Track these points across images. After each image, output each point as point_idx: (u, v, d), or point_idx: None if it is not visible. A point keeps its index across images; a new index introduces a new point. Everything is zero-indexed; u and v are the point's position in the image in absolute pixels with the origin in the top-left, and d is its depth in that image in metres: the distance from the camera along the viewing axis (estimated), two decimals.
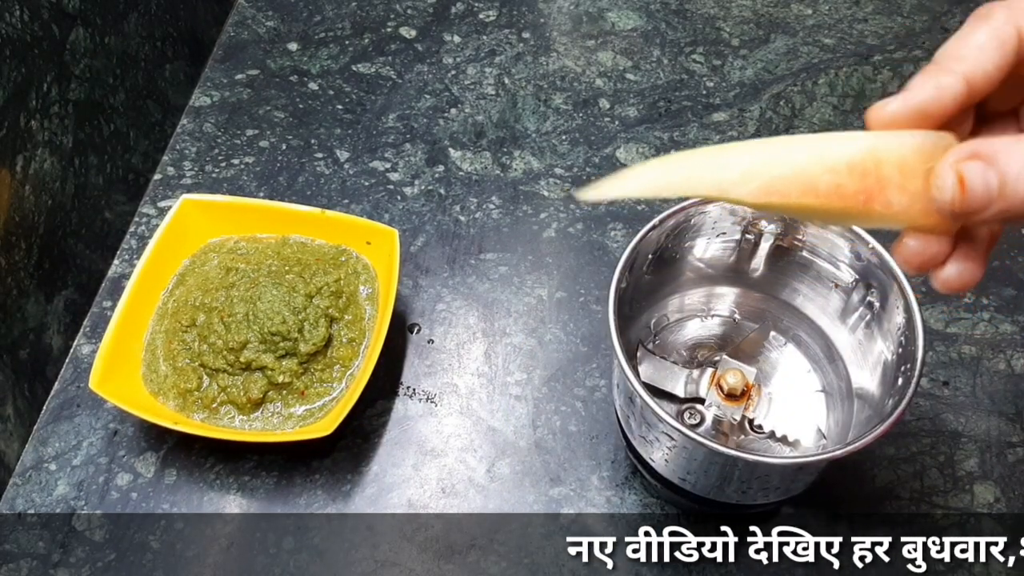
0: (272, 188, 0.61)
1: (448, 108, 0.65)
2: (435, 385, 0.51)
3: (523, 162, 0.61)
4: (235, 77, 0.68)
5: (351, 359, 0.49)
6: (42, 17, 0.49)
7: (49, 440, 0.50)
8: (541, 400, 0.50)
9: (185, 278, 0.52)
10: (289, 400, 0.48)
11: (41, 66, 0.50)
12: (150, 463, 0.49)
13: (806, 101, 0.64)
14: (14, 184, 0.48)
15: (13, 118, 0.48)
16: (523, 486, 0.47)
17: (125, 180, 0.59)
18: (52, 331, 0.52)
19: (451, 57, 0.68)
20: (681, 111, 0.64)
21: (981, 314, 0.53)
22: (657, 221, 0.40)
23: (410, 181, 0.61)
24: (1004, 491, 0.46)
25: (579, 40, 0.69)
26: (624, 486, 0.47)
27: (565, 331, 0.53)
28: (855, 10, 0.70)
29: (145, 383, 0.49)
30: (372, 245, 0.53)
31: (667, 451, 0.39)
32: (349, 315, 0.50)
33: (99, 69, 0.55)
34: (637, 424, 0.40)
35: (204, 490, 0.48)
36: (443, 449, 0.49)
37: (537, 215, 0.59)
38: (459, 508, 0.47)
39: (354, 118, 0.65)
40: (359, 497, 0.47)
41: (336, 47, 0.69)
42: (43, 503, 0.48)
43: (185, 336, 0.49)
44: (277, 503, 0.47)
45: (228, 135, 0.64)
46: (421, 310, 0.55)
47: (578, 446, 0.49)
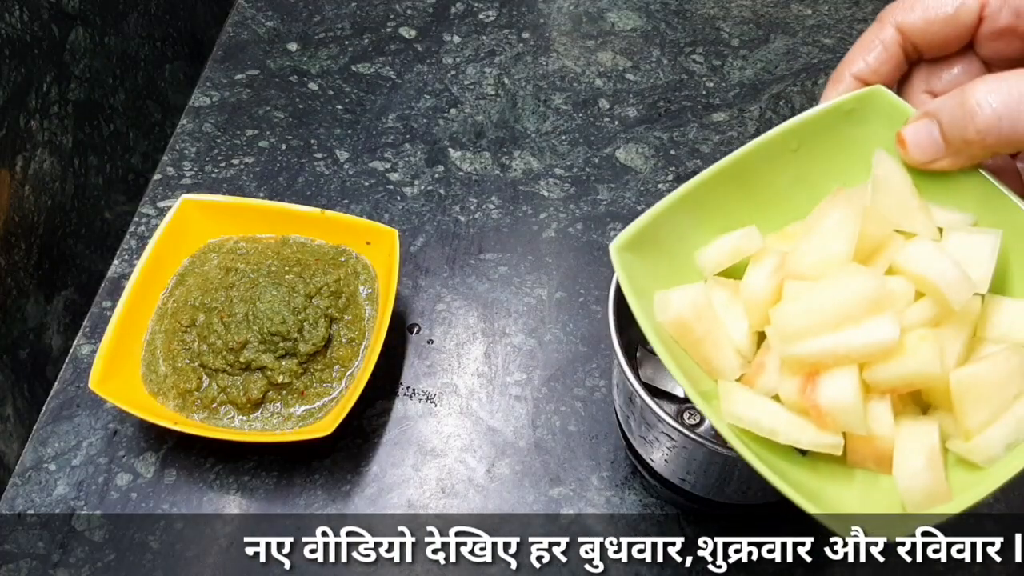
0: (272, 188, 0.61)
1: (448, 108, 0.65)
2: (435, 385, 0.51)
3: (523, 162, 0.62)
4: (235, 77, 0.68)
5: (351, 359, 0.49)
6: (42, 17, 0.49)
7: (49, 440, 0.50)
8: (541, 400, 0.50)
9: (185, 278, 0.52)
10: (289, 400, 0.48)
11: (41, 66, 0.50)
12: (150, 463, 0.49)
13: (806, 101, 0.64)
14: (14, 184, 0.48)
15: (13, 118, 0.48)
16: (523, 486, 0.47)
17: (125, 180, 0.59)
18: (52, 331, 0.52)
19: (451, 57, 0.68)
20: (681, 111, 0.64)
21: None
22: None
23: (410, 181, 0.61)
24: (1004, 491, 0.46)
25: (579, 40, 0.69)
26: (624, 486, 0.47)
27: (565, 331, 0.53)
28: (855, 10, 0.70)
29: (145, 383, 0.49)
30: (372, 245, 0.53)
31: (667, 451, 0.39)
32: (349, 315, 0.50)
33: (99, 69, 0.55)
34: (637, 424, 0.40)
35: (204, 490, 0.48)
36: (443, 449, 0.49)
37: (537, 215, 0.59)
38: (459, 508, 0.47)
39: (354, 118, 0.65)
40: (359, 497, 0.47)
41: (336, 47, 0.69)
42: (43, 503, 0.47)
43: (185, 336, 0.49)
44: (277, 503, 0.47)
45: (228, 135, 0.64)
46: (421, 310, 0.55)
47: (578, 446, 0.49)
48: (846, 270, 0.26)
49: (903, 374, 0.25)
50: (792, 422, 0.26)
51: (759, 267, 0.29)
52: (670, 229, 0.30)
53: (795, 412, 0.26)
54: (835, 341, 0.25)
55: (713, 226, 0.31)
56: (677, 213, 0.30)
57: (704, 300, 0.29)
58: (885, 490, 0.26)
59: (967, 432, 0.25)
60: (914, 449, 0.25)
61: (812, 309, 0.25)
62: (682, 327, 0.28)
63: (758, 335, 0.29)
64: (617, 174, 0.60)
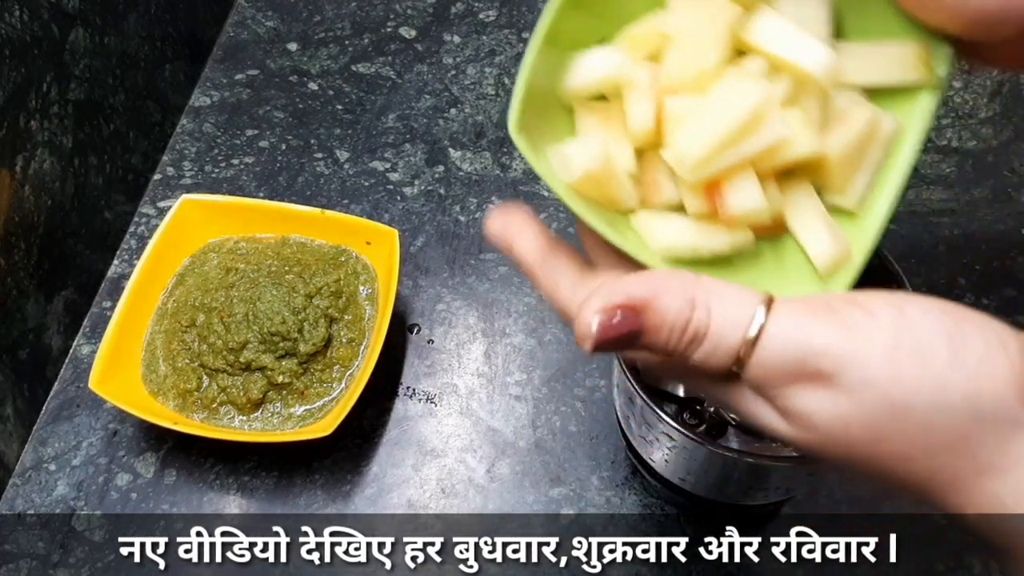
0: (272, 188, 0.61)
1: (448, 108, 0.65)
2: (435, 385, 0.51)
3: (523, 162, 0.61)
4: (235, 77, 0.68)
5: (351, 359, 0.49)
6: (42, 17, 0.49)
7: (49, 440, 0.50)
8: (541, 400, 0.50)
9: (185, 278, 0.52)
10: (289, 400, 0.48)
11: (41, 66, 0.50)
12: (150, 463, 0.49)
13: None
14: (14, 184, 0.48)
15: (13, 118, 0.48)
16: (523, 486, 0.47)
17: (125, 180, 0.59)
18: (52, 331, 0.52)
19: (451, 57, 0.68)
20: None
21: None
22: None
23: (410, 181, 0.61)
24: None
25: None
26: (624, 486, 0.47)
27: (565, 331, 0.53)
28: None
29: (145, 383, 0.49)
30: (372, 245, 0.53)
31: (667, 451, 0.39)
32: (349, 315, 0.50)
33: (99, 69, 0.55)
34: (637, 424, 0.40)
35: (204, 490, 0.48)
36: (443, 449, 0.49)
37: (537, 215, 0.58)
38: (459, 508, 0.47)
39: (354, 118, 0.65)
40: (359, 497, 0.47)
41: (336, 47, 0.69)
42: (43, 503, 0.47)
43: (185, 336, 0.49)
44: (277, 503, 0.47)
45: (228, 135, 0.64)
46: (421, 310, 0.55)
47: (578, 446, 0.49)
48: (728, 82, 0.27)
49: (790, 159, 0.27)
50: (705, 233, 0.28)
51: (635, 93, 0.28)
52: (548, 80, 0.29)
53: (704, 222, 0.28)
54: (735, 155, 0.26)
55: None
56: (546, 63, 0.28)
57: (601, 149, 0.28)
58: (793, 267, 0.29)
59: (840, 187, 0.28)
60: (809, 218, 0.28)
61: (708, 132, 0.26)
62: (591, 180, 0.28)
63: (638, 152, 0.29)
64: None
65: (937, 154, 0.61)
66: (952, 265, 0.55)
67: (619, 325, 0.23)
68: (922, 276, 0.54)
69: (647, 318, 0.23)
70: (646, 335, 0.23)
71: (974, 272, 0.55)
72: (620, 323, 0.23)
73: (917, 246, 0.56)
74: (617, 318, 0.23)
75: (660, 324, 0.23)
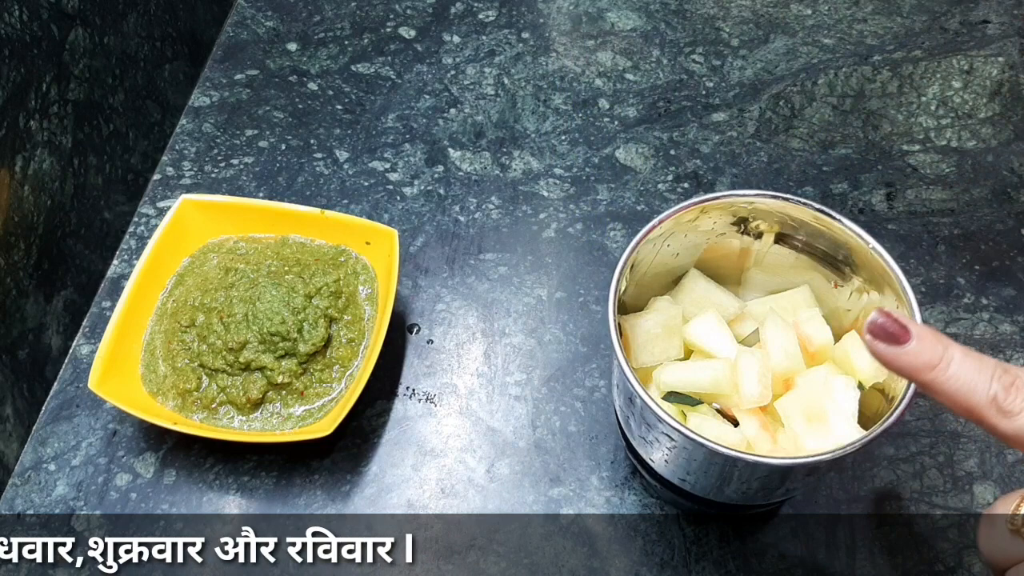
0: (271, 188, 0.61)
1: (448, 108, 0.65)
2: (434, 385, 0.51)
3: (522, 162, 0.61)
4: (234, 77, 0.68)
5: (350, 359, 0.49)
6: (41, 17, 0.49)
7: (48, 440, 0.50)
8: (541, 400, 0.50)
9: (184, 278, 0.52)
10: (288, 400, 0.48)
11: (40, 66, 0.50)
12: (149, 463, 0.49)
13: (805, 101, 0.64)
14: (13, 184, 0.48)
15: (12, 118, 0.47)
16: (522, 486, 0.47)
17: (124, 180, 0.59)
18: (51, 331, 0.52)
19: (451, 57, 0.68)
20: (681, 111, 0.64)
21: (981, 314, 0.53)
22: (657, 222, 0.40)
23: (409, 181, 0.61)
24: (1004, 491, 0.46)
25: (578, 40, 0.69)
26: (624, 486, 0.47)
27: (564, 331, 0.53)
28: (855, 10, 0.70)
29: (144, 383, 0.48)
30: (371, 245, 0.53)
31: (667, 451, 0.39)
32: (348, 315, 0.50)
33: (98, 69, 0.55)
34: (637, 424, 0.40)
35: (203, 490, 0.48)
36: (442, 449, 0.49)
37: (536, 215, 0.59)
38: (459, 508, 0.47)
39: (353, 118, 0.65)
40: (358, 497, 0.47)
41: (335, 47, 0.69)
42: (42, 503, 0.47)
43: (184, 336, 0.49)
44: (276, 503, 0.47)
45: (227, 135, 0.64)
46: (420, 310, 0.55)
47: (578, 446, 0.49)
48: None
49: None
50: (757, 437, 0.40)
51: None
52: None
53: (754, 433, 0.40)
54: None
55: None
56: None
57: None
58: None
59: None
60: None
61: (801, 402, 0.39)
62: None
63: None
64: (617, 174, 0.60)
65: (937, 154, 0.61)
66: (952, 265, 0.55)
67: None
68: (922, 276, 0.54)
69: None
70: None
71: (974, 272, 0.55)
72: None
73: (917, 246, 0.56)
74: None
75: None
